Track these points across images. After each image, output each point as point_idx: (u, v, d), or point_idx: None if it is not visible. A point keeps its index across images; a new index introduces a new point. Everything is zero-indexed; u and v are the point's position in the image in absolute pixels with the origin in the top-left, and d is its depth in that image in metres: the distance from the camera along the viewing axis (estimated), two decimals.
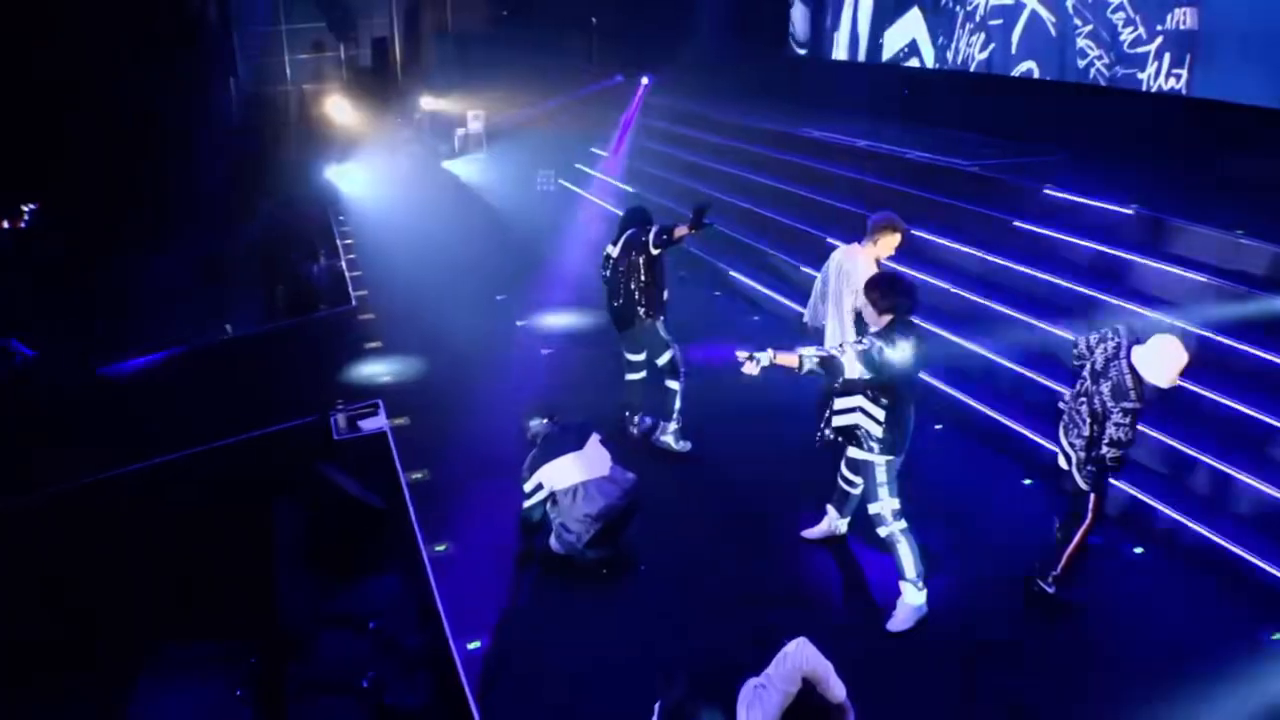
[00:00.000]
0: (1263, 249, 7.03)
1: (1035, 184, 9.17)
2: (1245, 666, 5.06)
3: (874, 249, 6.56)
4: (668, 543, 6.02)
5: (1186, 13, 9.44)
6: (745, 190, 12.45)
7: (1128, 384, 4.98)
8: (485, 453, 7.19)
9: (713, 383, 7.49)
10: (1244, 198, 8.24)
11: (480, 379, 8.59)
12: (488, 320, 10.24)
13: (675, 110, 16.21)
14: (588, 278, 11.46)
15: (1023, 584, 5.62)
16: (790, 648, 3.62)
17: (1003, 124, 11.60)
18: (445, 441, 7.43)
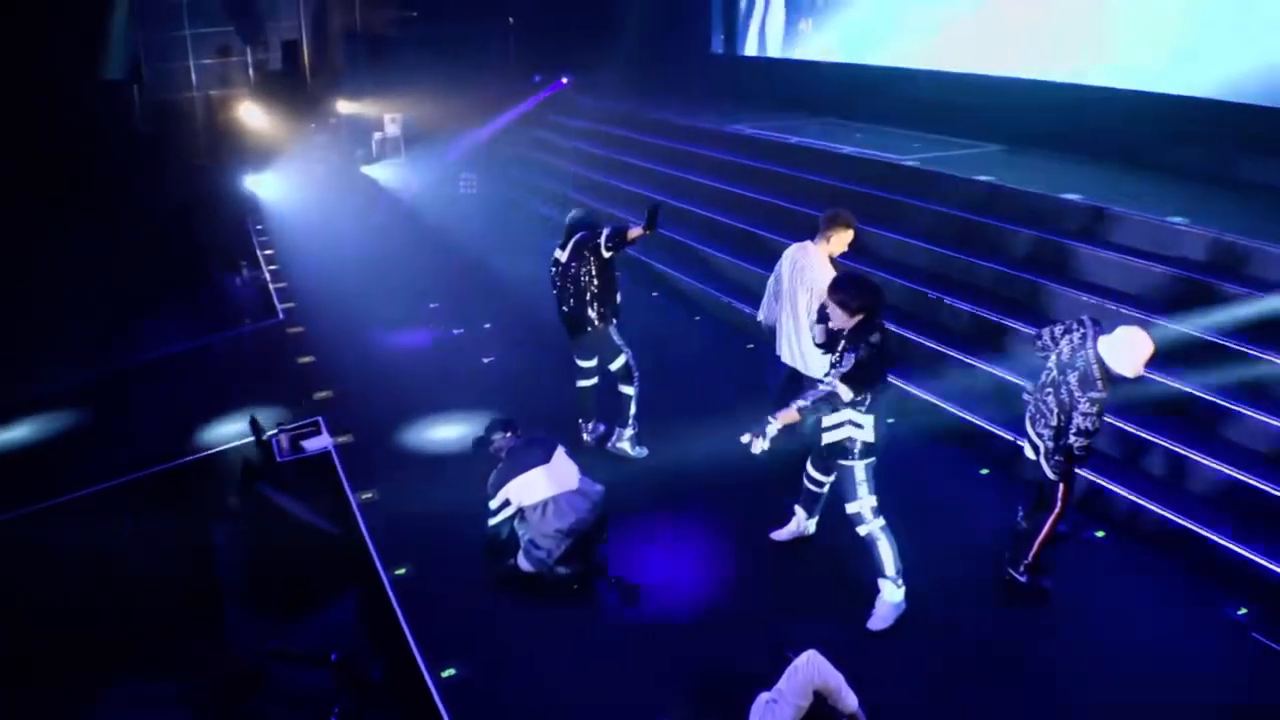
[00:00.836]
0: (1203, 234, 7.24)
1: (973, 175, 9.30)
2: (1215, 643, 5.18)
3: (827, 245, 6.55)
4: (635, 552, 5.90)
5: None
6: (679, 189, 12.40)
7: (1095, 374, 5.03)
8: (437, 468, 6.99)
9: (662, 383, 7.39)
10: (1180, 186, 8.50)
11: (422, 390, 8.34)
12: (423, 329, 9.97)
13: (602, 111, 16.11)
14: (522, 282, 11.33)
15: (992, 574, 5.68)
16: (801, 661, 3.54)
17: (931, 119, 11.79)
18: (393, 458, 7.19)
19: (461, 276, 11.79)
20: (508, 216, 14.91)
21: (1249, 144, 8.77)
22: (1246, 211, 7.80)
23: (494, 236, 13.72)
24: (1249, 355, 6.37)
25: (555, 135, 16.33)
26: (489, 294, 11.06)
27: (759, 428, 4.90)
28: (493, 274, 11.86)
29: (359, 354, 9.24)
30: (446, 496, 6.53)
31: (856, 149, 10.91)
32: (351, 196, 16.19)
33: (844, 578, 5.69)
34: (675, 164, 13.15)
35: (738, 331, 9.65)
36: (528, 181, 15.67)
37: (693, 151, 13.11)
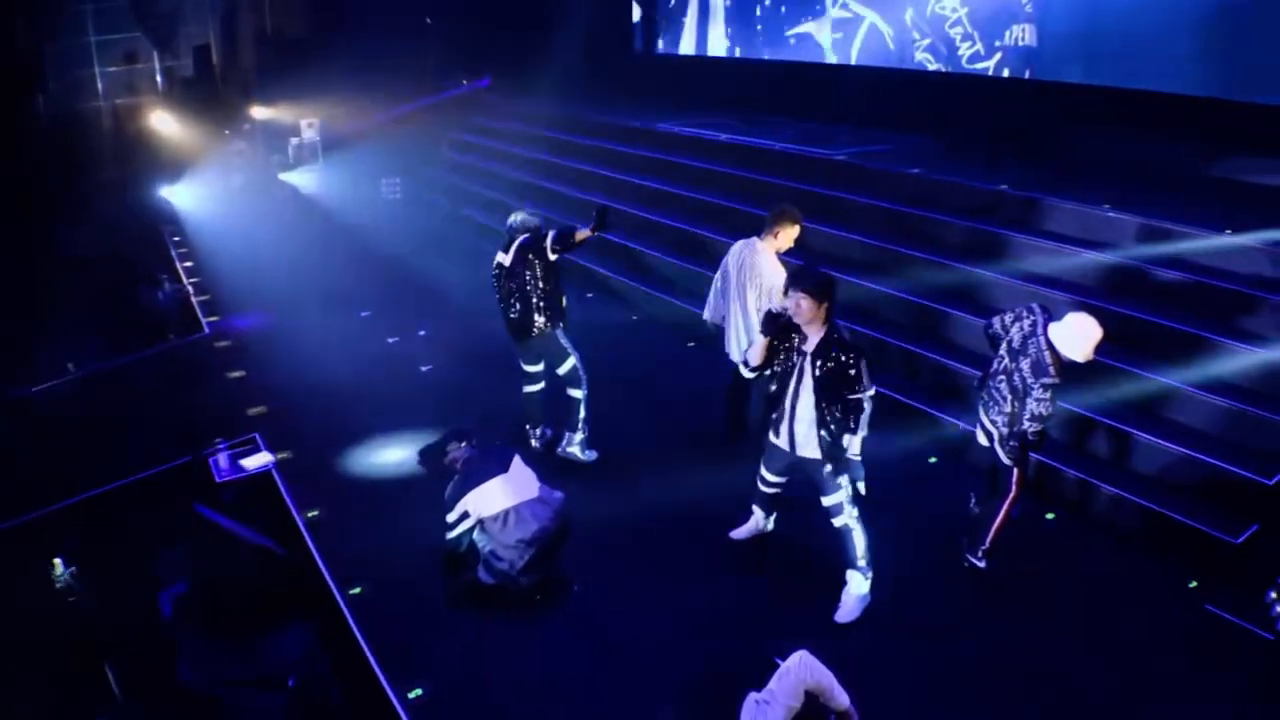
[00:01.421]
0: (1130, 220, 7.44)
1: (903, 169, 9.43)
2: (1170, 617, 5.32)
3: (774, 241, 6.56)
4: (596, 558, 5.81)
5: (1025, 29, 9.91)
6: (612, 189, 12.33)
7: (1047, 360, 5.11)
8: (384, 482, 6.82)
9: (606, 385, 7.32)
10: (1101, 175, 8.73)
11: (360, 402, 8.13)
12: (356, 339, 9.72)
13: (527, 112, 15.96)
14: (455, 287, 11.16)
15: (951, 560, 5.75)
16: (791, 661, 3.50)
17: (858, 115, 11.92)
18: (336, 474, 6.98)
19: (392, 283, 11.55)
20: (434, 221, 14.66)
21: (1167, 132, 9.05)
22: (1172, 197, 8.04)
23: (422, 242, 13.48)
24: (1186, 334, 6.57)
25: (482, 138, 16.13)
26: (421, 300, 10.85)
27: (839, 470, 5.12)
28: (423, 280, 11.64)
29: (291, 366, 8.96)
30: (397, 511, 6.39)
31: (787, 145, 10.98)
32: (270, 204, 15.77)
33: (808, 572, 5.69)
34: (606, 164, 13.08)
35: (677, 330, 9.62)
36: (455, 185, 15.43)
37: (623, 151, 13.06)
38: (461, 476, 5.42)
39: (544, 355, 7.02)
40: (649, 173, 12.25)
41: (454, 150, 16.83)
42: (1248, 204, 7.88)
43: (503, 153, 15.29)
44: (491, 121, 16.76)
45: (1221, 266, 6.90)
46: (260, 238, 13.75)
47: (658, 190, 11.72)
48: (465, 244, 13.33)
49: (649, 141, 12.94)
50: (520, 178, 14.21)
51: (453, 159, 16.55)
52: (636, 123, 13.53)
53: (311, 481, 6.76)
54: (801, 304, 4.91)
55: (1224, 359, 6.35)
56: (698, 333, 9.29)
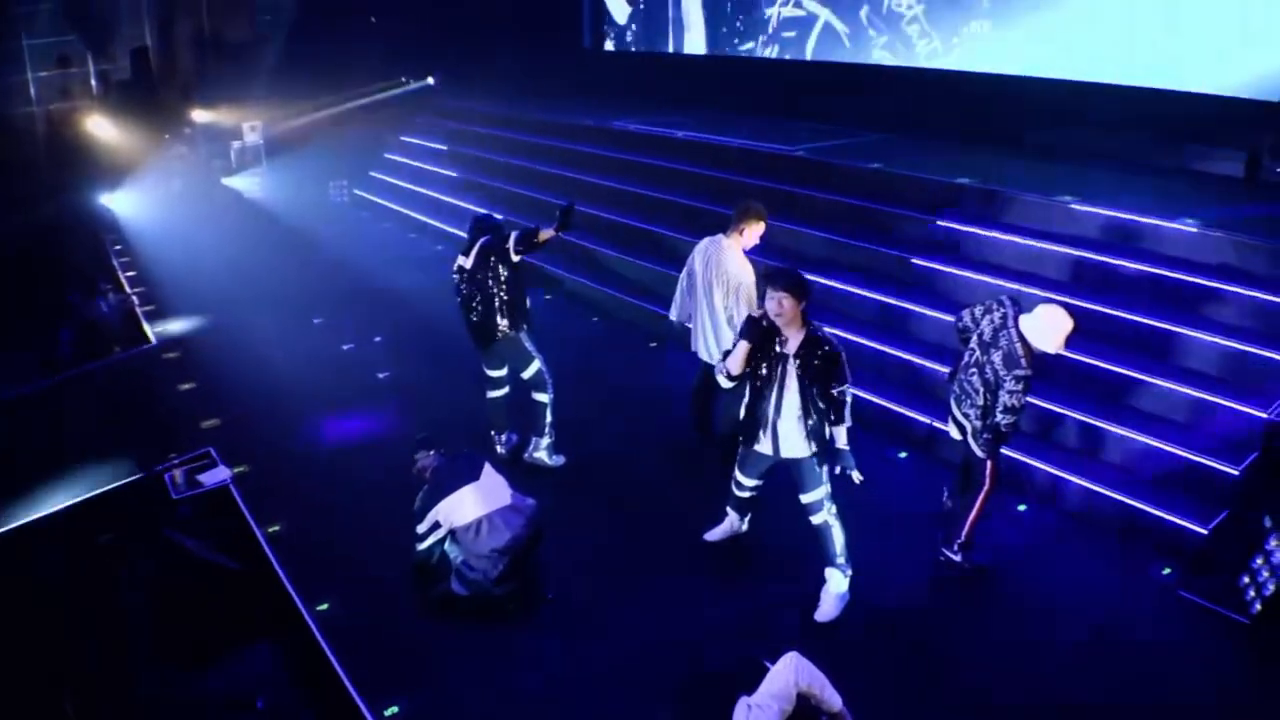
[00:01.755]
0: (1093, 212, 7.52)
1: (864, 164, 9.46)
2: (1146, 605, 5.38)
3: (740, 239, 6.53)
4: (569, 565, 5.72)
5: (984, 25, 9.98)
6: (566, 188, 12.18)
7: (1018, 352, 5.13)
8: (347, 494, 6.65)
9: (568, 387, 7.24)
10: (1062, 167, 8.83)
11: (317, 412, 7.95)
12: (309, 347, 9.52)
13: (478, 112, 15.79)
14: (410, 291, 11.00)
15: (927, 555, 5.78)
16: (782, 664, 3.46)
17: (816, 110, 11.96)
18: (295, 487, 6.80)
19: (344, 289, 11.33)
20: (384, 224, 14.46)
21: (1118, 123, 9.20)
22: (1133, 189, 8.15)
23: (372, 246, 13.28)
24: (1152, 325, 6.65)
25: (431, 139, 15.92)
26: (375, 306, 10.67)
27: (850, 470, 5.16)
28: (377, 285, 11.45)
29: (244, 377, 8.74)
30: (363, 523, 6.25)
31: (745, 141, 10.96)
32: (214, 209, 15.43)
33: (785, 572, 5.68)
34: (559, 162, 12.97)
35: (638, 331, 9.57)
36: (403, 187, 15.21)
37: (577, 150, 12.95)
38: (431, 486, 5.30)
39: (508, 359, 6.92)
40: (605, 171, 12.16)
41: (400, 150, 16.60)
42: (1208, 194, 8.03)
43: (452, 153, 15.11)
44: (440, 121, 16.55)
45: (1185, 257, 7.00)
46: (204, 244, 13.44)
47: (614, 189, 11.64)
48: (417, 247, 13.15)
49: (604, 140, 12.86)
50: (471, 178, 14.04)
51: (398, 159, 16.33)
52: (590, 120, 13.44)
53: (271, 495, 6.58)
54: (784, 303, 4.88)
55: (1190, 349, 6.44)
56: (659, 333, 9.25)
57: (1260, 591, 5.14)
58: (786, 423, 5.11)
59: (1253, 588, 5.22)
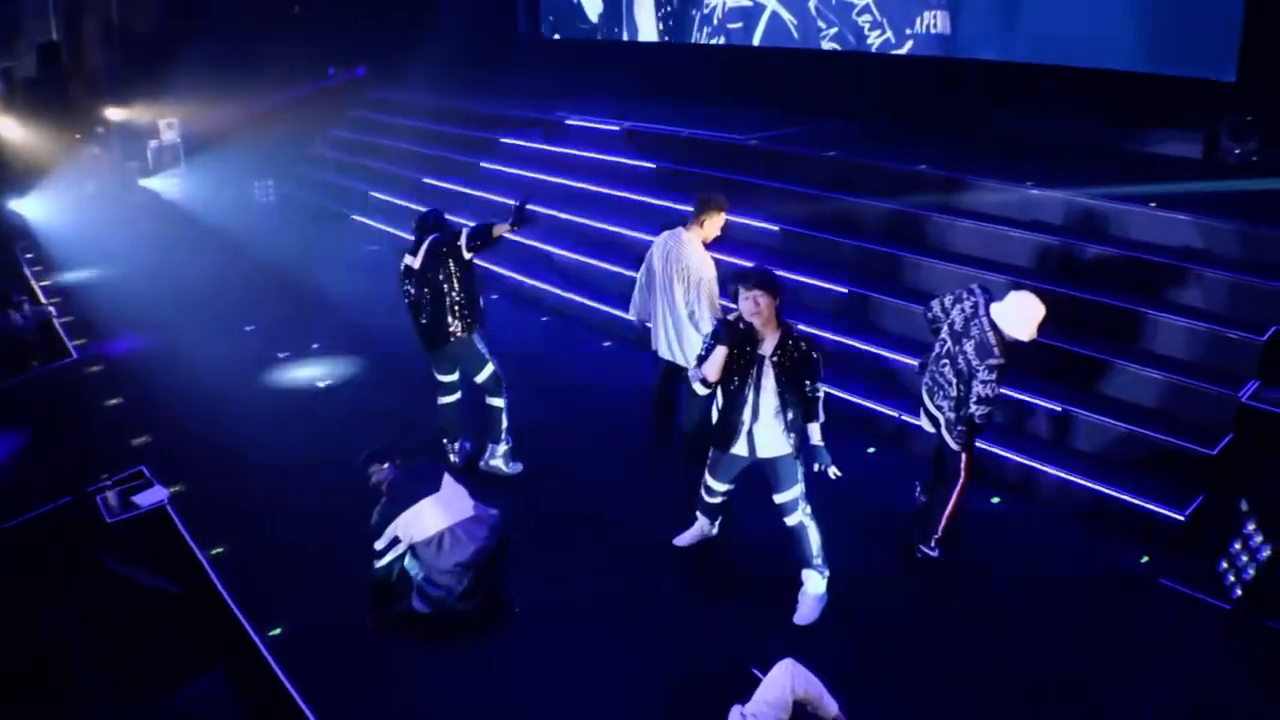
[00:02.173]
0: (1054, 196, 7.64)
1: (819, 152, 9.49)
2: (1126, 594, 5.47)
3: (700, 231, 6.50)
4: (535, 576, 5.63)
5: (937, 16, 10.06)
6: (509, 183, 12.10)
7: (991, 341, 5.17)
8: (290, 511, 6.48)
9: (523, 390, 7.17)
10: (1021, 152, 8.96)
11: (254, 425, 7.75)
12: (242, 356, 9.28)
13: (412, 105, 15.58)
14: (346, 295, 10.81)
15: (903, 551, 5.82)
16: (777, 671, 3.42)
17: (768, 99, 11.98)
18: (237, 505, 6.60)
19: (276, 294, 11.09)
20: (314, 224, 14.19)
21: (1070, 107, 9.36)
22: (1093, 172, 8.28)
23: (303, 248, 13.02)
24: (1119, 309, 6.76)
25: (363, 134, 15.70)
26: (310, 311, 10.46)
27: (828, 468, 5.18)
28: (310, 289, 11.23)
29: (174, 390, 8.49)
30: (312, 542, 6.10)
31: (695, 131, 10.95)
32: (131, 212, 15.02)
33: (760, 575, 5.66)
34: (499, 157, 12.86)
35: (591, 330, 9.51)
36: (337, 185, 14.96)
37: (516, 143, 12.84)
38: (388, 499, 5.18)
39: (460, 363, 6.81)
40: (547, 165, 12.07)
41: (330, 147, 16.33)
42: (1168, 176, 8.18)
43: (385, 148, 14.89)
44: (371, 114, 16.33)
45: (1149, 240, 7.14)
46: (124, 249, 13.06)
47: (559, 184, 11.55)
48: (351, 248, 12.93)
49: (545, 132, 12.76)
50: (405, 173, 13.84)
51: (329, 156, 16.06)
52: (530, 113, 13.33)
53: (211, 515, 6.39)
54: (759, 302, 4.85)
55: (1158, 333, 6.56)
56: (613, 332, 9.20)
57: (1240, 576, 5.25)
58: (764, 424, 5.10)
59: (1232, 573, 5.33)
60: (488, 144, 13.23)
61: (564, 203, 11.20)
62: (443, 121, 14.53)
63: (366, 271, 11.78)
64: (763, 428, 5.11)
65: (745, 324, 4.91)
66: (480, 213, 10.59)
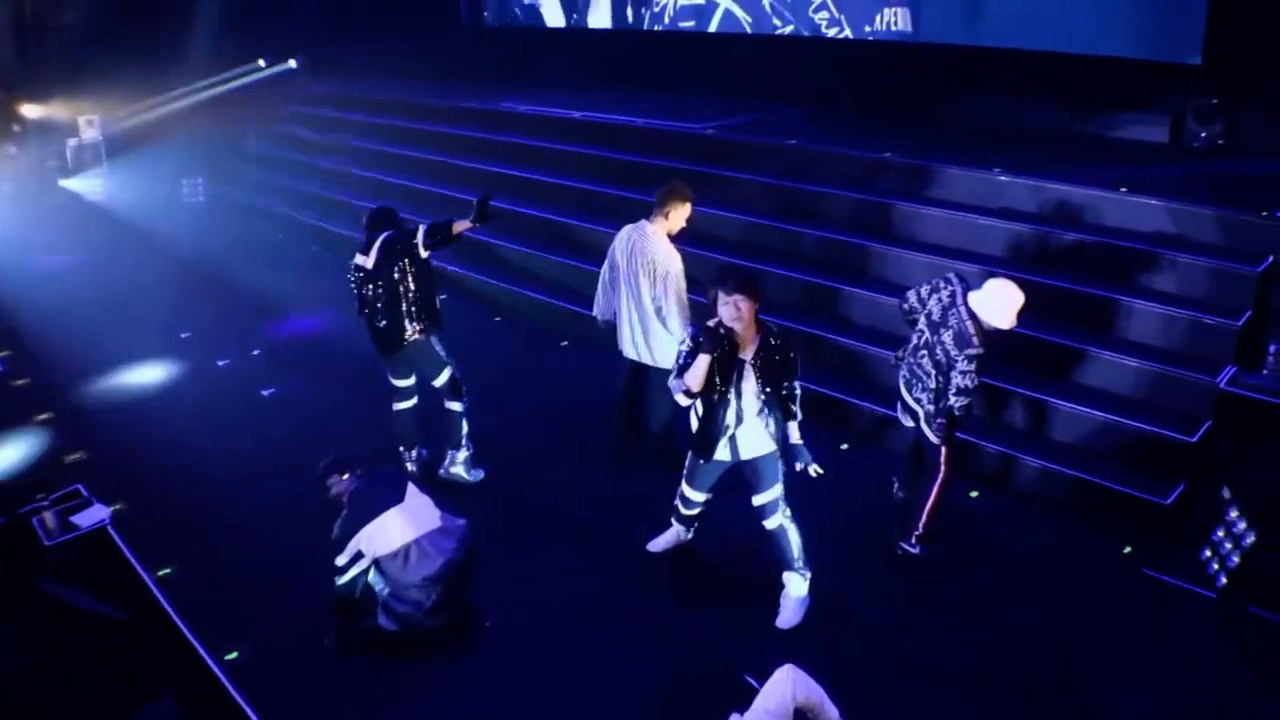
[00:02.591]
0: (1023, 183, 7.73)
1: (778, 140, 9.52)
2: (1111, 586, 5.55)
3: (665, 223, 6.47)
4: (504, 587, 5.57)
5: (897, 13, 10.12)
6: (454, 177, 11.97)
7: (970, 330, 5.21)
8: (241, 528, 6.34)
9: (480, 393, 7.09)
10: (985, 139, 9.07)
11: (196, 437, 7.58)
12: (179, 365, 9.08)
13: (349, 97, 15.35)
14: (287, 298, 10.62)
15: (881, 550, 5.86)
16: (779, 677, 3.41)
17: (722, 87, 11.99)
18: (183, 523, 6.44)
19: (211, 298, 10.86)
20: (249, 225, 13.94)
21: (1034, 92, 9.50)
22: (1060, 158, 8.42)
23: (238, 249, 12.79)
24: (1093, 296, 6.85)
25: (300, 128, 15.45)
26: (249, 316, 10.25)
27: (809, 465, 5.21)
28: (247, 292, 11.01)
29: (107, 403, 8.27)
30: (266, 559, 5.98)
31: (648, 120, 10.93)
32: (52, 215, 14.61)
33: (738, 580, 5.66)
34: (443, 149, 12.71)
35: (546, 329, 9.45)
36: (270, 183, 14.69)
37: (462, 134, 12.72)
38: (350, 512, 5.07)
39: (417, 367, 6.71)
40: (495, 157, 11.98)
41: (263, 143, 16.04)
42: (1135, 160, 8.34)
43: (320, 143, 14.66)
44: (305, 108, 16.05)
45: (1120, 225, 7.25)
46: (49, 256, 12.69)
47: (508, 176, 11.44)
48: (287, 249, 12.72)
49: (492, 123, 12.66)
50: (344, 169, 13.64)
51: (261, 153, 15.77)
52: (475, 103, 13.22)
53: (155, 534, 6.22)
54: (741, 306, 4.82)
55: (1133, 320, 6.67)
56: (570, 331, 9.14)
57: (1224, 564, 5.36)
58: (747, 426, 5.10)
59: (1216, 560, 5.43)
60: (433, 137, 13.08)
61: (515, 196, 11.10)
62: (385, 114, 14.34)
63: (307, 272, 11.58)
64: (745, 430, 5.10)
65: (726, 329, 4.87)
66: (429, 208, 10.47)
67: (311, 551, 5.86)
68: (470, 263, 10.56)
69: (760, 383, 5.02)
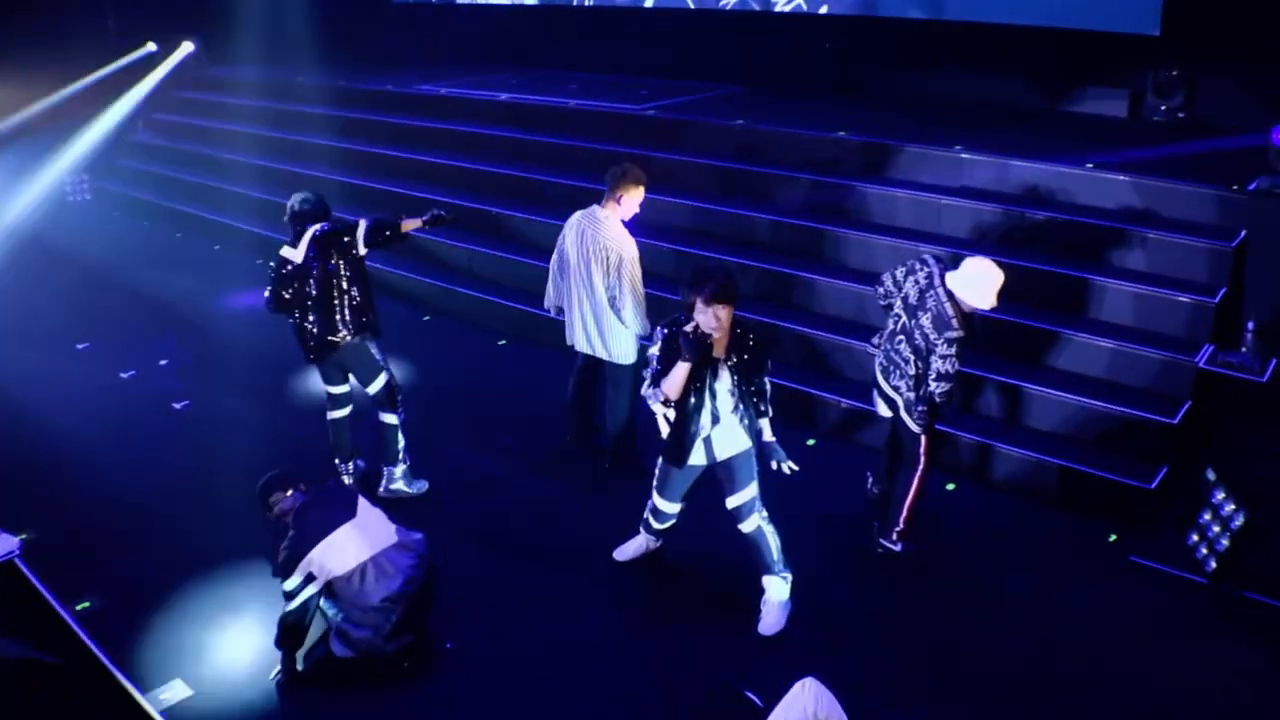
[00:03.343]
0: (986, 160, 7.88)
1: (724, 121, 9.56)
2: (1097, 575, 5.69)
3: (618, 209, 6.47)
4: (461, 605, 5.48)
5: None
6: (374, 167, 11.80)
7: (949, 312, 5.29)
8: (165, 554, 6.12)
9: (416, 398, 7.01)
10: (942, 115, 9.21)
11: (105, 457, 7.33)
12: (79, 379, 8.77)
13: (254, 82, 14.99)
14: (193, 303, 10.34)
15: (858, 549, 5.95)
16: (797, 690, 3.41)
17: (659, 66, 12.00)
18: (99, 552, 6.20)
19: (107, 305, 10.52)
20: (139, 223, 13.58)
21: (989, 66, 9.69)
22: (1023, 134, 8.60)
23: (130, 250, 12.45)
24: (1064, 276, 7.01)
25: (194, 118, 15.06)
26: (152, 324, 9.96)
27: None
28: (147, 297, 10.70)
29: (2, 426, 7.97)
30: (197, 588, 5.79)
31: (582, 101, 10.89)
32: None
33: (714, 588, 5.67)
34: (357, 137, 12.53)
35: (480, 327, 9.36)
36: (164, 177, 14.30)
37: (379, 121, 12.55)
38: (296, 531, 4.93)
39: (351, 370, 6.59)
40: (416, 144, 11.83)
41: (154, 134, 15.61)
42: (1096, 135, 8.55)
43: (219, 132, 14.30)
44: (201, 94, 15.66)
45: (1088, 203, 7.43)
46: None
47: (430, 164, 11.33)
48: (188, 250, 12.40)
49: (410, 107, 12.51)
50: (245, 160, 13.33)
51: (153, 144, 15.35)
52: (391, 86, 13.04)
53: (70, 565, 5.97)
54: (720, 315, 4.81)
55: (1106, 300, 6.84)
56: (508, 329, 9.08)
57: (1213, 548, 5.52)
58: (722, 426, 5.11)
59: (1204, 545, 5.60)
60: (346, 123, 12.87)
61: (440, 185, 10.98)
62: (291, 100, 14.04)
63: (210, 273, 11.29)
64: (721, 430, 5.11)
65: (703, 335, 4.85)
66: (347, 202, 10.31)
67: (248, 575, 5.76)
68: (391, 257, 10.38)
69: (734, 380, 5.04)
